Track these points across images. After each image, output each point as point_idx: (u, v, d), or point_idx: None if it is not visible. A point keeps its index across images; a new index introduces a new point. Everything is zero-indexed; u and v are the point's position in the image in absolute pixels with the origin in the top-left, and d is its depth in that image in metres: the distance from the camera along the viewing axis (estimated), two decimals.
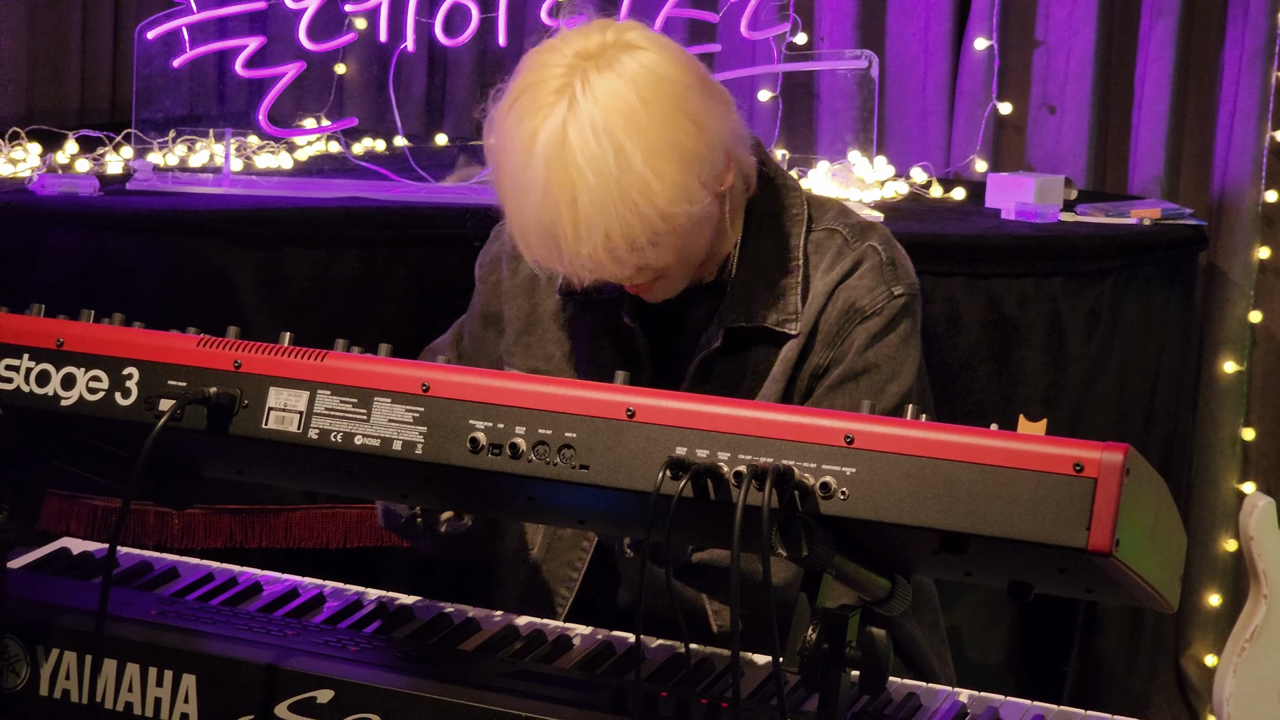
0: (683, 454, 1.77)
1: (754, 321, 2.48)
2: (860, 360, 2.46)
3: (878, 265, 2.49)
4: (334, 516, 3.70)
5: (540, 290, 2.60)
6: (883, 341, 2.47)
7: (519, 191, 2.32)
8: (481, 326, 2.67)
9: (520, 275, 2.61)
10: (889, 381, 2.47)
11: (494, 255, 2.67)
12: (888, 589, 1.84)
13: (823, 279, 2.49)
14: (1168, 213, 4.22)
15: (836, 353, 2.47)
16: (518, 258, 2.59)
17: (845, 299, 2.48)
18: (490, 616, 2.29)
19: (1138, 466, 1.66)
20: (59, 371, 1.97)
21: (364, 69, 5.08)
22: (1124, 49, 4.71)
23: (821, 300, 2.48)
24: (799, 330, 2.47)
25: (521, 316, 2.61)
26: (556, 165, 2.28)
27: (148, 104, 4.20)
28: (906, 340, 2.49)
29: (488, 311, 2.66)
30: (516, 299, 2.62)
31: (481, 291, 2.67)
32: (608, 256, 2.30)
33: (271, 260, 3.69)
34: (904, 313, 2.49)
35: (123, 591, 2.27)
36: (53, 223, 3.70)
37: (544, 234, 2.31)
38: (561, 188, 2.27)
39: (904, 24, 4.93)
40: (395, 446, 1.87)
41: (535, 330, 2.60)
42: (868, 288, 2.48)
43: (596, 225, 2.27)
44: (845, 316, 2.47)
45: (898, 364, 2.48)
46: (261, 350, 1.93)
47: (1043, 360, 3.82)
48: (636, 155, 2.27)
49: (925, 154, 4.82)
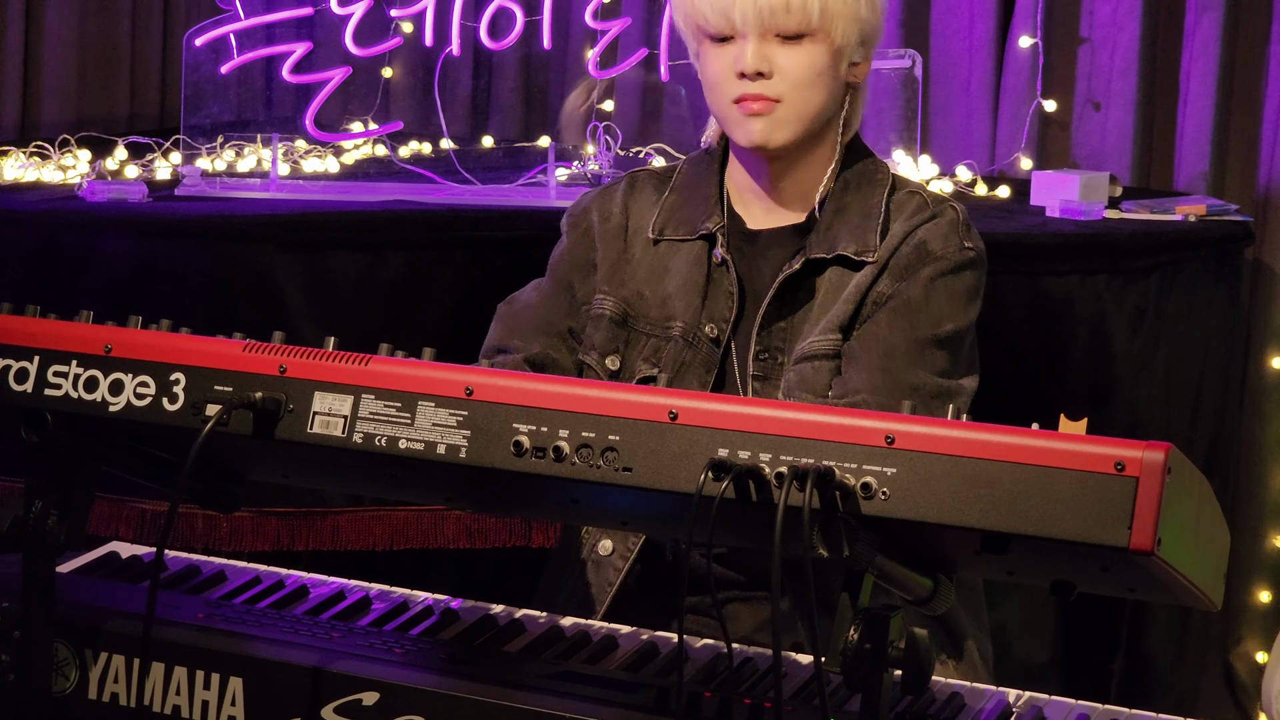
0: (724, 455, 1.77)
1: (834, 252, 2.61)
2: (922, 290, 2.59)
3: (954, 220, 2.65)
4: (380, 519, 3.72)
5: (630, 236, 2.73)
6: (946, 280, 2.61)
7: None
8: (569, 268, 2.76)
9: (611, 224, 2.75)
10: (946, 318, 2.60)
11: (583, 208, 2.80)
12: (930, 589, 1.84)
13: (901, 224, 2.63)
14: (1213, 209, 4.20)
15: (902, 284, 2.60)
16: (607, 207, 2.75)
17: (920, 239, 2.62)
18: (535, 618, 2.30)
19: (1179, 465, 1.66)
20: (107, 378, 1.99)
21: (410, 73, 5.09)
22: (1169, 45, 4.70)
23: (898, 240, 2.62)
24: (875, 259, 2.60)
25: (613, 256, 2.73)
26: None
27: (196, 110, 4.23)
28: (970, 290, 2.63)
29: (577, 255, 2.76)
30: (609, 241, 2.74)
31: (571, 237, 2.78)
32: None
33: (317, 263, 3.71)
34: (970, 265, 2.63)
35: (171, 595, 2.28)
36: (102, 229, 3.73)
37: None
38: None
39: (948, 22, 4.92)
40: (439, 450, 1.88)
41: (627, 268, 2.72)
42: (942, 234, 2.62)
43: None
44: (916, 254, 2.61)
45: (958, 306, 2.61)
46: (306, 355, 1.94)
47: (1088, 358, 3.81)
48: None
49: (970, 152, 4.81)
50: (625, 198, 2.76)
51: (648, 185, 2.77)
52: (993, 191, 4.46)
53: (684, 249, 2.69)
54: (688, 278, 2.67)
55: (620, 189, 2.78)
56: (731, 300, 2.64)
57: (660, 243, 2.71)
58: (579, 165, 4.39)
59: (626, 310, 2.69)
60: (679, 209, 2.72)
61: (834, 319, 2.58)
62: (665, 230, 2.71)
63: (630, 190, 2.77)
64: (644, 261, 2.71)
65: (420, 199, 4.01)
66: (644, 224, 2.73)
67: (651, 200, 2.74)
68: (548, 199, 4.09)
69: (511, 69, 5.36)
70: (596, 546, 2.66)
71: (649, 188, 2.77)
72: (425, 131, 4.88)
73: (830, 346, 2.58)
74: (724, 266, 2.66)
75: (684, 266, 2.68)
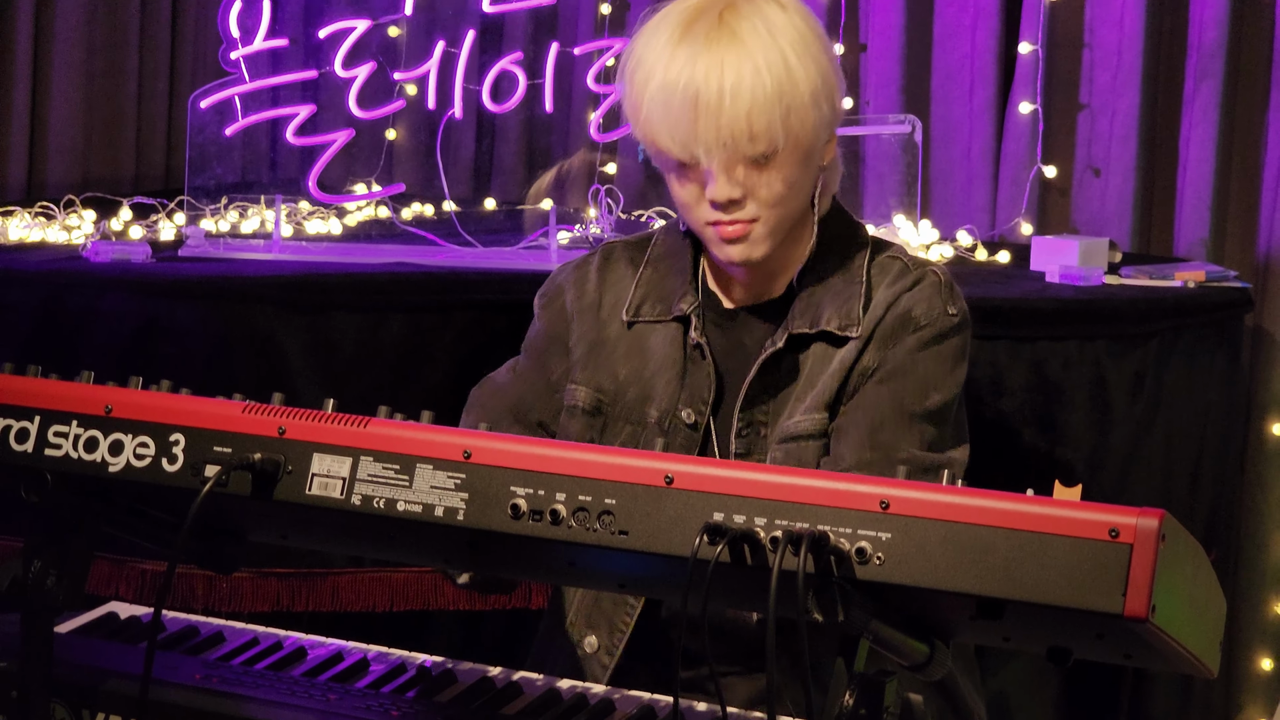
0: (720, 519, 1.78)
1: (817, 327, 2.57)
2: (909, 360, 2.54)
3: (936, 284, 2.59)
4: (380, 580, 3.72)
5: (605, 312, 2.68)
6: (932, 349, 2.55)
7: (666, 57, 2.47)
8: (544, 348, 2.72)
9: (585, 302, 2.69)
10: (933, 389, 2.54)
11: (557, 284, 2.75)
12: (926, 654, 1.84)
13: (883, 292, 2.58)
14: (1212, 275, 4.21)
15: (887, 354, 2.55)
16: (582, 288, 2.70)
17: (903, 307, 2.56)
18: (533, 681, 2.30)
19: (1174, 532, 1.67)
20: (107, 438, 2.00)
21: (413, 135, 5.12)
22: (1168, 112, 4.72)
23: (881, 309, 2.57)
24: (859, 334, 2.55)
25: (588, 338, 2.67)
26: (714, 30, 2.45)
27: (201, 171, 4.25)
28: (955, 356, 2.58)
29: (552, 333, 2.72)
30: (583, 321, 2.68)
31: (544, 317, 2.73)
32: (745, 126, 2.43)
33: (319, 325, 3.72)
34: (955, 331, 2.58)
35: (169, 655, 2.28)
36: (106, 289, 3.75)
37: (688, 96, 2.44)
38: (719, 48, 2.45)
39: (948, 89, 4.95)
40: (437, 512, 1.88)
41: (602, 351, 2.66)
42: (925, 300, 2.57)
43: (744, 87, 2.43)
44: (900, 322, 2.56)
45: (943, 375, 2.56)
46: (305, 417, 1.95)
47: (1087, 423, 3.82)
48: (786, 38, 2.47)
49: (971, 217, 4.83)
50: (599, 272, 2.70)
51: (622, 258, 2.72)
52: (993, 256, 4.47)
53: (660, 329, 2.64)
54: (665, 360, 2.62)
55: (594, 263, 2.72)
56: (710, 382, 2.59)
57: (636, 324, 2.65)
58: (581, 228, 4.41)
59: (600, 400, 2.63)
60: (654, 285, 2.66)
61: (819, 397, 2.55)
62: (641, 310, 2.65)
63: (604, 264, 2.71)
64: (620, 343, 2.65)
65: (422, 261, 4.02)
66: (619, 301, 2.67)
67: (626, 274, 2.69)
68: (549, 262, 4.10)
69: (514, 132, 5.39)
70: (582, 642, 2.65)
71: (623, 261, 2.71)
72: (428, 194, 4.90)
73: (816, 426, 2.54)
74: (699, 349, 2.61)
75: (661, 348, 2.63)
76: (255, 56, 4.24)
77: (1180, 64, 4.69)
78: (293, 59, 4.65)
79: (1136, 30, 4.67)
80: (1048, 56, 4.78)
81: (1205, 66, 4.57)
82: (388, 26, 4.50)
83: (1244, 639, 4.54)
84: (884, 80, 4.95)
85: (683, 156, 2.49)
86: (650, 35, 2.52)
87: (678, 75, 2.45)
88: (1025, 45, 4.78)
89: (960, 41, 4.92)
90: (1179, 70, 4.69)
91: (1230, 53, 4.57)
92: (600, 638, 2.63)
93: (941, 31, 4.96)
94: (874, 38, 4.99)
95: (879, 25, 4.97)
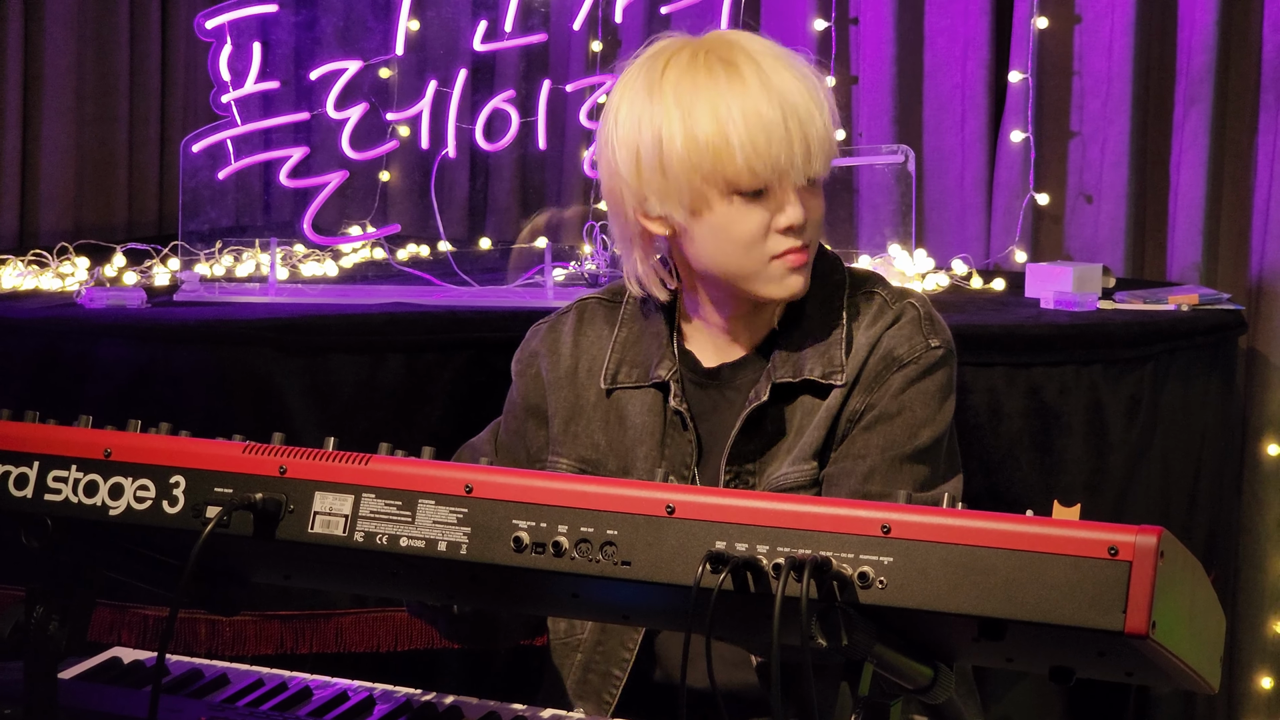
0: (722, 548, 1.78)
1: (800, 376, 2.54)
2: (895, 403, 2.52)
3: (915, 319, 2.56)
4: (384, 620, 3.72)
5: (581, 381, 2.65)
6: (918, 387, 2.53)
7: (720, 80, 2.45)
8: (522, 418, 2.70)
9: (560, 369, 2.66)
10: (923, 426, 2.52)
11: (531, 351, 2.71)
12: (930, 677, 1.84)
13: (864, 333, 2.56)
14: (1206, 298, 4.23)
15: (873, 397, 2.52)
16: (556, 352, 2.67)
17: (885, 348, 2.54)
18: (538, 713, 2.30)
19: (1172, 549, 1.67)
20: (107, 481, 2.00)
21: (407, 176, 5.13)
22: (1158, 138, 4.74)
23: (864, 353, 2.54)
24: (844, 381, 2.53)
25: (566, 407, 2.65)
26: (748, 60, 2.46)
27: (194, 216, 4.25)
28: (942, 390, 2.55)
29: (529, 403, 2.69)
30: (559, 390, 2.66)
31: (520, 385, 2.71)
32: (824, 139, 2.47)
33: (317, 367, 3.73)
34: (940, 364, 2.55)
35: (173, 699, 2.28)
36: (101, 335, 3.74)
37: (778, 115, 2.43)
38: (771, 61, 2.47)
39: (940, 119, 4.97)
40: (440, 547, 1.89)
41: (580, 420, 2.64)
42: (906, 337, 2.54)
43: (815, 100, 2.47)
44: (884, 364, 2.53)
45: (932, 411, 2.53)
46: (306, 455, 1.96)
47: (1084, 448, 3.82)
48: (796, 58, 2.51)
49: (965, 246, 4.84)
50: (574, 334, 2.67)
51: (597, 316, 2.68)
52: (988, 284, 4.48)
53: (638, 396, 2.61)
54: (644, 430, 2.59)
55: (568, 324, 2.69)
56: (692, 448, 2.57)
57: (614, 391, 2.62)
58: (576, 265, 4.42)
59: (582, 469, 2.60)
60: (630, 348, 2.63)
61: (807, 447, 2.52)
62: (618, 377, 2.61)
63: (579, 324, 2.68)
64: (598, 410, 2.62)
65: (419, 301, 4.03)
66: (596, 365, 2.64)
67: (602, 334, 2.66)
68: (545, 299, 4.11)
69: (508, 170, 5.40)
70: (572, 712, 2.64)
71: (598, 319, 2.68)
72: (423, 234, 4.91)
73: (806, 476, 2.52)
74: (679, 417, 2.58)
75: (640, 415, 2.60)
76: (246, 99, 4.25)
77: (1169, 90, 4.70)
78: (284, 101, 4.66)
79: (1125, 57, 4.69)
80: (1038, 85, 4.80)
81: (1194, 92, 4.59)
82: (379, 67, 4.52)
83: (1244, 658, 4.54)
84: (876, 111, 4.97)
85: (767, 176, 2.45)
86: (680, 76, 2.48)
87: (755, 94, 2.44)
88: (1015, 74, 4.80)
89: (951, 72, 4.94)
90: (1168, 96, 4.71)
91: (1218, 78, 4.59)
92: (588, 709, 2.62)
93: (932, 62, 4.98)
94: (865, 69, 5.01)
95: (870, 57, 4.99)
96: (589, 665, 2.64)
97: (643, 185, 2.50)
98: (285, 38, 4.67)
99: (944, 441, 2.56)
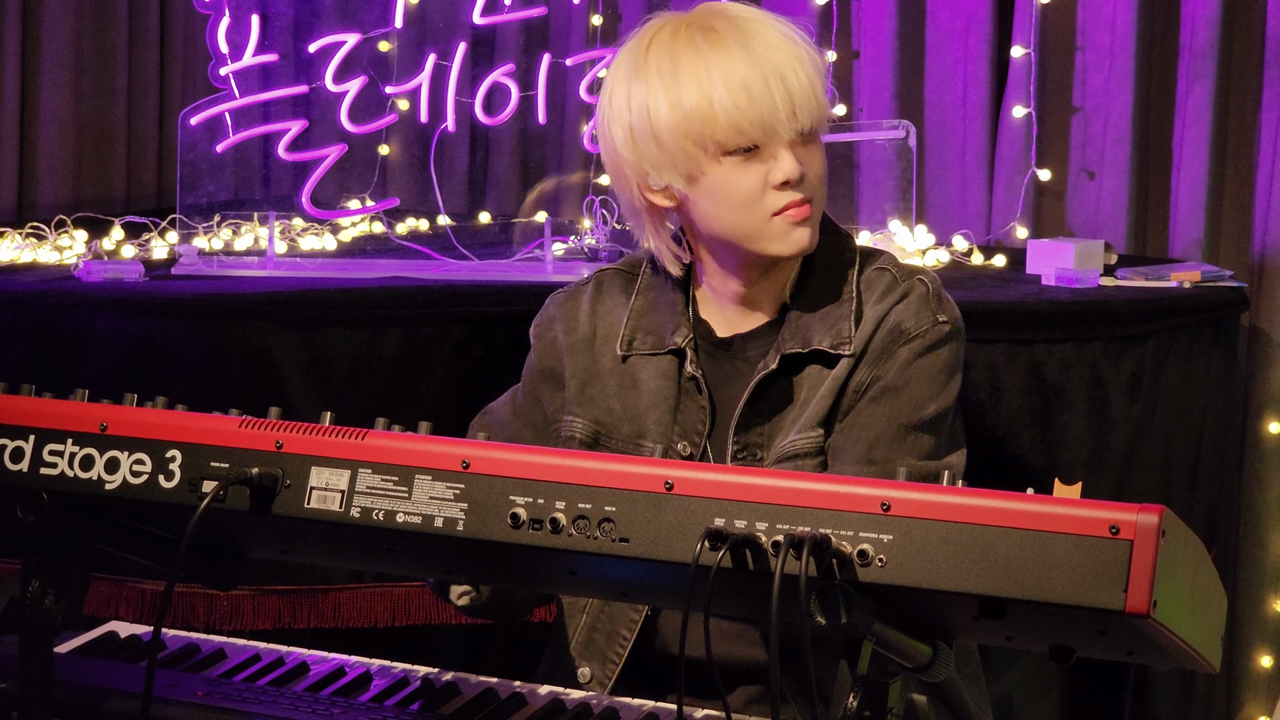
0: (721, 525, 1.78)
1: (809, 347, 2.57)
2: (902, 376, 2.55)
3: (925, 295, 2.60)
4: (382, 595, 3.71)
5: (598, 348, 2.69)
6: (924, 360, 2.56)
7: (702, 47, 2.51)
8: (538, 381, 2.73)
9: (578, 335, 2.70)
10: (929, 400, 2.55)
11: (549, 316, 2.75)
12: (929, 655, 1.84)
13: (873, 308, 2.59)
14: (1208, 275, 4.21)
15: (880, 370, 2.56)
16: (574, 319, 2.71)
17: (893, 321, 2.57)
18: (536, 691, 2.30)
19: (1173, 527, 1.66)
20: (103, 456, 1.99)
21: (406, 149, 5.11)
22: (1161, 113, 4.72)
23: (872, 326, 2.57)
24: (852, 351, 2.56)
25: (582, 372, 2.68)
26: (732, 25, 2.52)
27: (192, 189, 4.24)
28: (949, 366, 2.58)
29: (545, 367, 2.73)
30: (576, 354, 2.69)
31: (538, 349, 2.75)
32: (811, 94, 2.50)
33: (315, 341, 3.71)
34: (947, 340, 2.58)
35: (170, 674, 2.28)
36: (99, 309, 3.73)
37: (763, 73, 2.48)
38: (755, 25, 2.52)
39: (942, 94, 4.95)
40: (437, 523, 1.88)
41: (596, 384, 2.67)
42: (914, 312, 2.58)
43: (801, 57, 2.51)
44: (891, 337, 2.56)
45: (938, 385, 2.56)
46: (303, 430, 1.95)
47: (1085, 425, 3.82)
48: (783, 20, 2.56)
49: (966, 222, 4.82)
50: (592, 303, 2.71)
51: (614, 286, 2.73)
52: (989, 261, 4.47)
53: (653, 362, 2.65)
54: (658, 393, 2.63)
55: (587, 293, 2.73)
56: (704, 414, 2.60)
57: (629, 357, 2.66)
58: (576, 240, 4.41)
59: (597, 431, 2.65)
60: (645, 316, 2.67)
61: (813, 415, 2.55)
62: (633, 343, 2.66)
63: (597, 293, 2.72)
64: (613, 376, 2.66)
65: (418, 275, 4.02)
66: (612, 333, 2.68)
67: (619, 303, 2.70)
68: (545, 274, 4.10)
69: (508, 145, 5.38)
70: (576, 673, 2.65)
71: (615, 289, 2.72)
72: (422, 208, 4.89)
73: (812, 444, 2.55)
74: (694, 382, 2.62)
75: (654, 380, 2.64)
76: (245, 72, 4.23)
77: (1173, 65, 4.69)
78: (283, 74, 4.64)
79: (1129, 32, 4.67)
80: (1040, 60, 4.78)
81: (1197, 68, 4.57)
82: (378, 40, 4.50)
83: (1244, 637, 4.54)
84: (877, 86, 4.95)
85: (754, 134, 2.49)
86: (665, 47, 2.53)
87: (736, 55, 2.48)
88: (1018, 49, 4.78)
89: (953, 46, 4.92)
90: (1171, 72, 4.69)
91: (1222, 54, 4.57)
92: (593, 669, 2.63)
93: (934, 37, 4.96)
94: (866, 44, 4.99)
95: (871, 31, 4.97)
96: (595, 625, 2.66)
97: (640, 160, 2.56)
98: (284, 10, 4.66)
99: (948, 417, 2.59)
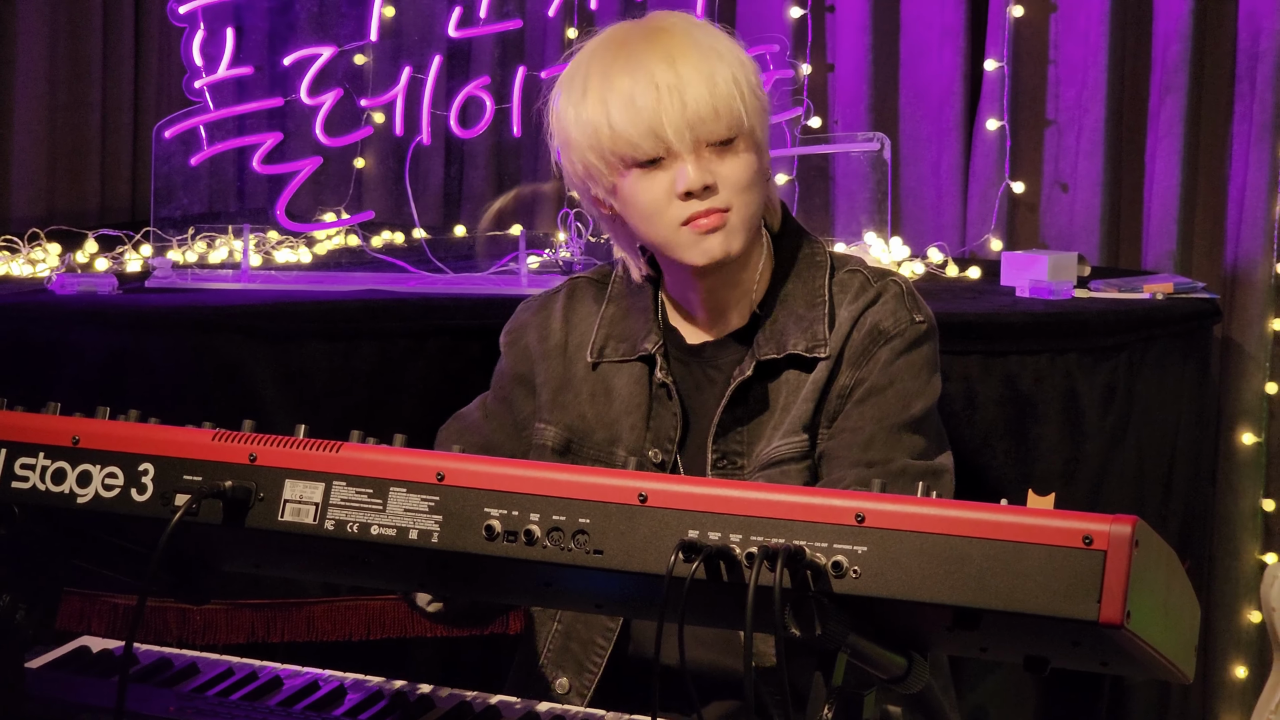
0: (695, 537, 1.78)
1: (784, 352, 2.56)
2: (885, 375, 2.55)
3: (899, 294, 2.60)
4: (356, 609, 3.70)
5: (570, 355, 2.68)
6: (906, 359, 2.56)
7: (610, 67, 2.51)
8: (510, 386, 2.72)
9: (550, 342, 2.69)
10: (914, 397, 2.56)
11: (521, 323, 2.75)
12: (904, 666, 1.84)
13: (846, 309, 2.59)
14: (1180, 287, 4.23)
15: (862, 371, 2.55)
16: (546, 326, 2.70)
17: (870, 323, 2.57)
18: (511, 704, 2.29)
19: (1147, 538, 1.67)
20: (75, 469, 1.99)
21: (381, 162, 5.11)
22: (1134, 126, 4.74)
23: (847, 327, 2.57)
24: (828, 353, 2.55)
25: (554, 379, 2.67)
26: (652, 36, 2.51)
27: (166, 202, 4.23)
28: (929, 363, 2.59)
29: (517, 373, 2.72)
30: (549, 361, 2.68)
31: (510, 355, 2.74)
32: (709, 104, 2.45)
33: (290, 354, 3.71)
34: (925, 338, 2.59)
35: (142, 689, 2.27)
36: (72, 322, 3.72)
37: (650, 84, 2.47)
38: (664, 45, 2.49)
39: (916, 107, 4.96)
40: (411, 536, 1.88)
41: (568, 391, 2.66)
42: (890, 311, 2.58)
43: (703, 69, 2.47)
44: (870, 338, 2.56)
45: (921, 382, 2.57)
46: (277, 443, 1.94)
47: (1060, 436, 3.83)
48: (716, 36, 2.54)
49: (941, 234, 4.84)
50: (564, 311, 2.70)
51: (587, 295, 2.71)
52: (964, 272, 4.48)
53: (625, 370, 2.63)
54: (629, 402, 2.62)
55: (559, 301, 2.72)
56: (676, 421, 2.59)
57: (600, 364, 2.65)
58: (550, 253, 4.41)
59: (569, 438, 2.64)
60: (617, 324, 2.66)
61: (796, 420, 2.54)
62: (605, 351, 2.64)
63: (569, 301, 2.71)
64: (586, 383, 2.65)
65: (393, 288, 4.01)
66: (584, 340, 2.67)
67: (591, 311, 2.69)
68: (520, 287, 4.10)
69: (482, 157, 5.39)
70: (554, 683, 2.64)
71: (587, 297, 2.71)
72: (397, 221, 4.89)
73: (797, 449, 2.54)
74: (665, 389, 2.61)
75: (626, 387, 2.63)
76: (220, 85, 4.22)
77: (1145, 79, 4.71)
78: (258, 87, 4.63)
79: (1101, 46, 4.69)
80: (1014, 73, 4.79)
81: (1169, 81, 4.59)
82: (353, 53, 4.49)
83: (1219, 647, 4.55)
84: (852, 99, 4.96)
85: (651, 147, 2.47)
86: (584, 64, 2.56)
87: (634, 71, 2.48)
88: (991, 62, 4.80)
89: (927, 60, 4.94)
90: (1144, 85, 4.71)
91: (1194, 67, 4.59)
92: (571, 679, 2.63)
93: (908, 50, 4.97)
94: (841, 57, 5.00)
95: (846, 45, 4.99)
96: (569, 633, 2.65)
97: (576, 174, 2.59)
98: (259, 23, 4.65)
99: (934, 413, 2.60)
